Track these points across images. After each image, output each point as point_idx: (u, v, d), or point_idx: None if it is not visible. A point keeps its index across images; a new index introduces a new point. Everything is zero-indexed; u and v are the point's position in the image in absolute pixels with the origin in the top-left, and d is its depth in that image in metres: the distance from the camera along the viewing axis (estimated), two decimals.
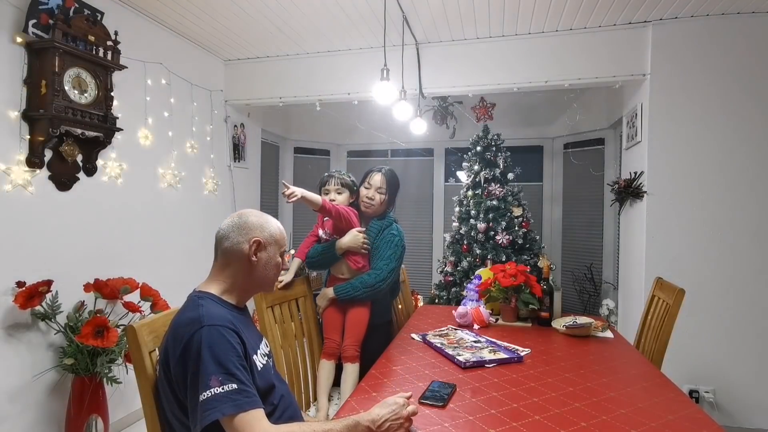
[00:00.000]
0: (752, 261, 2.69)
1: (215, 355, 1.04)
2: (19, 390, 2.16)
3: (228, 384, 1.02)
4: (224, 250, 1.23)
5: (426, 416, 1.25)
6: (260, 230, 1.24)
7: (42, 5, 2.15)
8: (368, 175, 2.11)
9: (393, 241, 2.05)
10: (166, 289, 2.59)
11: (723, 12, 2.69)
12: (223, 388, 1.01)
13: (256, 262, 1.23)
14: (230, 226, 1.24)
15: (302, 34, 3.13)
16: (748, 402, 2.68)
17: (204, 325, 1.07)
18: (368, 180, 2.10)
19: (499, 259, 3.55)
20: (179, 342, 1.07)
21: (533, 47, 3.07)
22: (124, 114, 2.63)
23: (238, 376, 1.04)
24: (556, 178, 4.70)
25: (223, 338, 1.07)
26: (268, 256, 1.26)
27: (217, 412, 0.99)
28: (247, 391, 1.04)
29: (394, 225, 2.12)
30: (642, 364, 1.72)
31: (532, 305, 2.21)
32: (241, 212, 1.28)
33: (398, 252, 2.05)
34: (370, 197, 2.07)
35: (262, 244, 1.24)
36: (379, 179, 2.09)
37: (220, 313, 1.13)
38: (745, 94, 2.69)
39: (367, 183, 2.10)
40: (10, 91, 2.11)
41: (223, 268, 1.24)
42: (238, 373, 1.04)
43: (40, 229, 2.26)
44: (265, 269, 1.26)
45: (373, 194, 2.07)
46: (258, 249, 1.23)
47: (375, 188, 2.08)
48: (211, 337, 1.06)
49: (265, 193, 4.43)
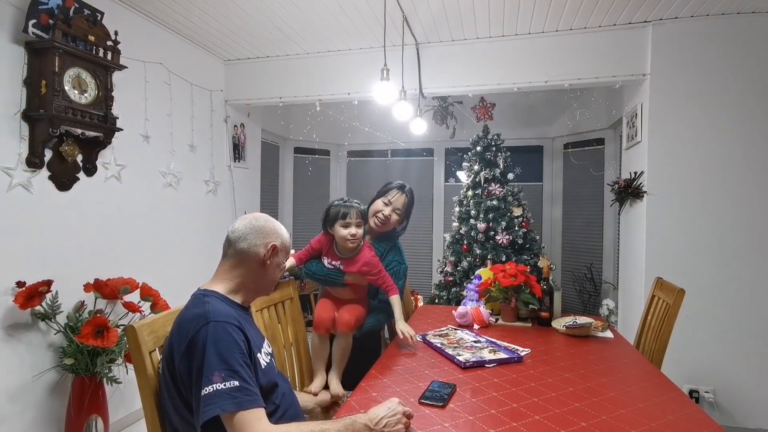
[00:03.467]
0: (752, 261, 2.69)
1: (219, 351, 1.05)
2: (19, 390, 2.16)
3: (230, 381, 1.02)
4: (240, 250, 1.25)
5: (426, 416, 1.25)
6: (276, 236, 1.29)
7: (42, 5, 2.15)
8: (389, 192, 1.97)
9: (399, 271, 2.01)
10: (166, 289, 2.59)
11: (723, 12, 2.69)
12: (225, 385, 1.02)
13: (269, 266, 1.27)
14: (248, 228, 1.26)
15: (302, 34, 3.13)
16: (748, 402, 2.68)
17: (210, 320, 1.08)
18: (389, 197, 1.96)
19: (499, 259, 3.55)
20: (184, 337, 1.08)
21: (533, 47, 3.07)
22: (124, 114, 2.63)
23: (240, 373, 1.05)
24: (556, 178, 4.70)
25: (228, 335, 1.08)
26: (278, 261, 1.31)
27: (217, 408, 1.00)
28: (249, 389, 1.05)
29: (397, 247, 2.06)
30: (642, 364, 1.72)
31: (532, 305, 2.21)
32: (257, 215, 1.32)
33: (404, 280, 2.06)
34: (386, 215, 1.95)
35: (277, 249, 1.29)
36: (402, 201, 1.97)
37: (226, 311, 1.14)
38: (745, 94, 2.69)
39: (386, 200, 1.96)
40: (10, 91, 2.11)
41: (233, 267, 1.26)
42: (240, 370, 1.05)
43: (40, 229, 2.26)
44: (273, 273, 1.31)
45: (390, 213, 1.95)
46: (273, 254, 1.27)
47: (394, 208, 1.96)
48: (216, 332, 1.07)
49: (265, 193, 4.43)
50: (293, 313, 1.99)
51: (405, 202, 2.00)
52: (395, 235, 2.09)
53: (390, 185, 2.03)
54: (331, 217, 1.85)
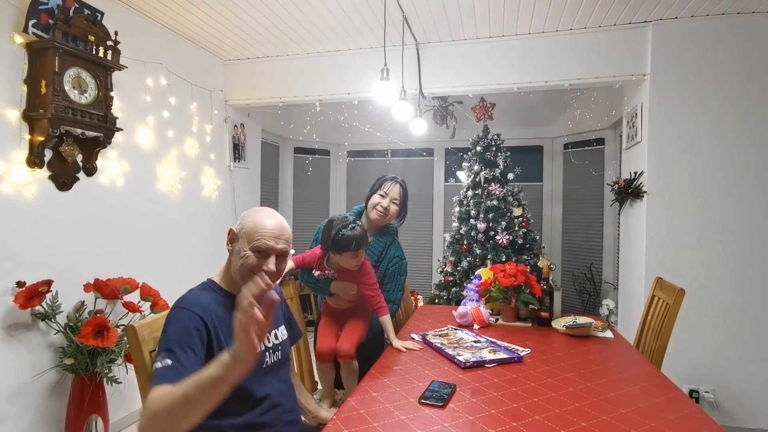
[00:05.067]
0: (752, 261, 2.69)
1: (168, 333, 1.11)
2: (19, 390, 2.16)
3: (165, 360, 1.05)
4: None
5: (426, 416, 1.25)
6: (240, 223, 1.29)
7: (42, 5, 2.15)
8: (384, 184, 2.04)
9: (401, 267, 2.07)
10: (166, 289, 2.59)
11: (723, 12, 2.69)
12: (160, 363, 1.05)
13: (231, 251, 1.29)
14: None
15: (302, 34, 3.13)
16: (748, 402, 2.69)
17: (177, 306, 1.17)
18: (385, 189, 2.03)
19: (499, 259, 3.55)
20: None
21: (533, 47, 3.07)
22: (124, 114, 2.63)
23: (177, 354, 1.07)
24: (556, 178, 4.70)
25: (182, 320, 1.13)
26: (238, 248, 1.26)
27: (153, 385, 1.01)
28: (178, 370, 1.03)
29: (396, 242, 2.10)
30: (642, 364, 1.72)
31: (532, 305, 2.21)
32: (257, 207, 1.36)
33: (405, 276, 2.12)
34: (385, 207, 2.01)
35: (234, 235, 1.28)
36: (398, 191, 2.04)
37: (197, 298, 1.20)
38: (745, 94, 2.69)
39: (383, 192, 2.03)
40: (10, 91, 2.11)
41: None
42: (178, 350, 1.07)
43: (40, 229, 2.26)
44: (235, 261, 1.26)
45: (388, 204, 2.01)
46: (230, 239, 1.29)
47: (391, 199, 2.02)
48: (174, 317, 1.14)
49: (265, 193, 4.43)
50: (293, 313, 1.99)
51: (400, 192, 2.05)
52: (394, 230, 2.14)
53: (382, 178, 2.08)
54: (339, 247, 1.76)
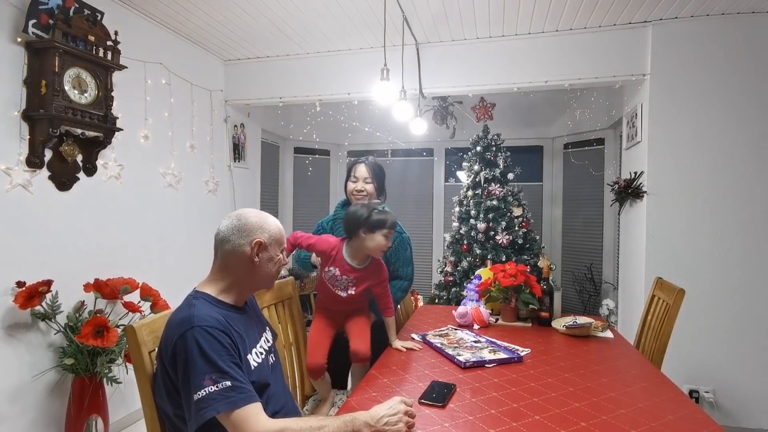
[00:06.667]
0: (752, 261, 2.69)
1: (206, 355, 1.05)
2: (19, 390, 2.16)
3: (222, 382, 1.03)
4: (225, 252, 1.23)
5: (426, 416, 1.25)
6: (261, 231, 1.25)
7: (42, 5, 2.15)
8: (352, 169, 2.09)
9: (403, 242, 2.07)
10: (166, 289, 2.59)
11: (723, 12, 2.69)
12: (217, 386, 1.02)
13: (258, 263, 1.24)
14: (230, 229, 1.24)
15: (302, 34, 3.13)
16: (748, 402, 2.68)
17: (194, 326, 1.08)
18: (353, 173, 2.08)
19: (499, 259, 3.56)
20: (170, 343, 1.09)
21: (533, 47, 3.07)
22: (124, 114, 2.63)
23: (231, 373, 1.05)
24: (556, 178, 4.70)
25: (214, 339, 1.07)
26: (270, 255, 1.26)
27: (212, 410, 1.01)
28: (242, 387, 1.05)
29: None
30: (642, 364, 1.72)
31: (532, 305, 2.21)
32: (240, 213, 1.27)
33: (410, 249, 2.12)
34: (359, 189, 2.05)
35: (264, 244, 1.24)
36: (364, 169, 2.07)
37: (210, 314, 1.12)
38: (745, 94, 2.69)
39: (353, 177, 2.08)
40: (10, 91, 2.11)
41: (222, 269, 1.24)
42: (230, 370, 1.05)
43: (40, 229, 2.26)
44: (267, 268, 1.27)
45: (362, 186, 2.05)
46: (260, 250, 1.24)
47: (362, 179, 2.06)
48: (201, 337, 1.06)
49: (265, 193, 4.43)
50: (293, 312, 1.99)
51: (368, 170, 2.07)
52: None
53: (348, 165, 2.13)
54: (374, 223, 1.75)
